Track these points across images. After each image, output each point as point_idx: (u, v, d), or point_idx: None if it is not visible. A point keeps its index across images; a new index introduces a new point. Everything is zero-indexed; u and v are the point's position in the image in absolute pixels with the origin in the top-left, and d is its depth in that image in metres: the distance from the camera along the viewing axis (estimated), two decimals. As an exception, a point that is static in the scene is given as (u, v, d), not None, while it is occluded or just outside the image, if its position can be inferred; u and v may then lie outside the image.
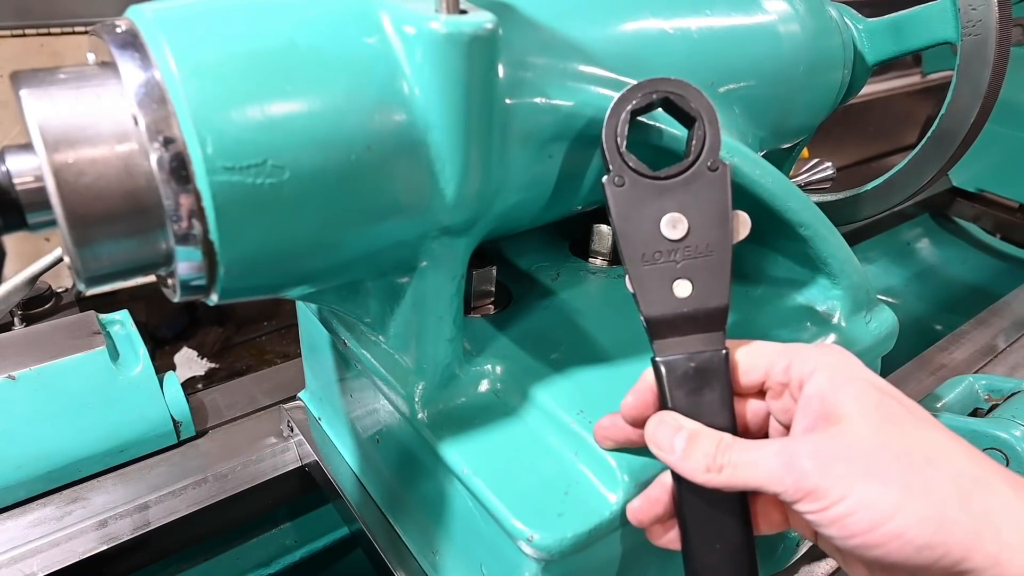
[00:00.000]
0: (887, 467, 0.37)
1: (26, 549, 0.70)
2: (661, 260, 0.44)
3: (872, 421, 0.39)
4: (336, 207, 0.40)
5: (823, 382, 0.41)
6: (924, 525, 0.35)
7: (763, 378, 0.45)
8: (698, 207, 0.45)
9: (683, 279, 0.44)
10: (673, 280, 0.44)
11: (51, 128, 0.34)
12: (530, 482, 0.49)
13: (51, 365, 0.73)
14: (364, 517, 0.70)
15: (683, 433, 0.43)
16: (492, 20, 0.40)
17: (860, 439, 0.38)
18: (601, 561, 0.52)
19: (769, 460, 0.40)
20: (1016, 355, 1.08)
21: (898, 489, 0.36)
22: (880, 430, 0.38)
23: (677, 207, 0.44)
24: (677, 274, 0.44)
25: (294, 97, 0.38)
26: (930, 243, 1.66)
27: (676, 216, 0.44)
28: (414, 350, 0.53)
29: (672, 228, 0.44)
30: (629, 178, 0.44)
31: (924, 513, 0.36)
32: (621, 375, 0.56)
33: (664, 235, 0.44)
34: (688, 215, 0.44)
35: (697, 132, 0.45)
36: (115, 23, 0.38)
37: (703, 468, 0.42)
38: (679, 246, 0.44)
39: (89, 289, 0.40)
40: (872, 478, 0.37)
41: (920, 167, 0.76)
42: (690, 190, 0.45)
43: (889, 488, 0.36)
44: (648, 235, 0.44)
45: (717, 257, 0.45)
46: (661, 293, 0.44)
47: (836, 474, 0.37)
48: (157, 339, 1.59)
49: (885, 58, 0.74)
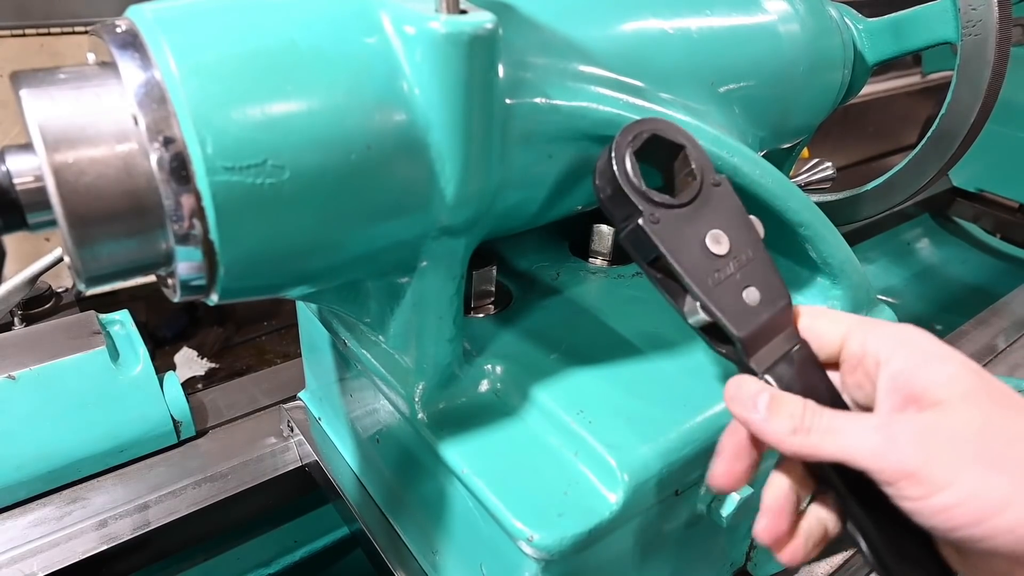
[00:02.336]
0: (999, 454, 0.34)
1: (26, 549, 0.70)
2: (724, 278, 0.45)
3: (979, 404, 0.36)
4: (336, 207, 0.40)
5: (910, 360, 0.39)
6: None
7: (838, 349, 0.43)
8: (724, 220, 0.45)
9: (748, 287, 0.45)
10: (741, 292, 0.45)
11: (51, 128, 0.34)
12: (530, 482, 0.49)
13: (51, 365, 0.73)
14: (364, 517, 0.70)
15: (766, 394, 0.41)
16: (492, 20, 0.40)
17: (968, 423, 0.35)
18: (601, 561, 0.52)
19: (867, 434, 0.37)
20: (1016, 355, 1.08)
21: (1010, 479, 0.33)
22: (989, 414, 0.35)
23: (710, 225, 0.45)
24: (741, 285, 0.45)
25: (294, 97, 0.38)
26: (930, 243, 1.66)
27: (715, 232, 0.45)
28: (414, 350, 0.53)
29: (717, 244, 0.45)
30: (662, 214, 0.45)
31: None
32: (621, 375, 0.56)
33: (714, 252, 0.45)
34: (723, 228, 0.45)
35: (691, 154, 0.46)
36: (115, 23, 0.38)
37: (789, 429, 0.39)
38: (729, 259, 0.45)
39: (89, 289, 0.40)
40: (982, 465, 0.34)
41: (920, 167, 0.76)
42: (710, 207, 0.45)
43: (1000, 477, 0.34)
44: (702, 259, 0.45)
45: (759, 259, 0.46)
46: (740, 308, 0.44)
47: (942, 459, 0.35)
48: (157, 339, 1.59)
49: (885, 58, 0.74)
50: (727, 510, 0.56)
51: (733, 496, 0.55)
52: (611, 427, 0.51)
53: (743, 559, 0.71)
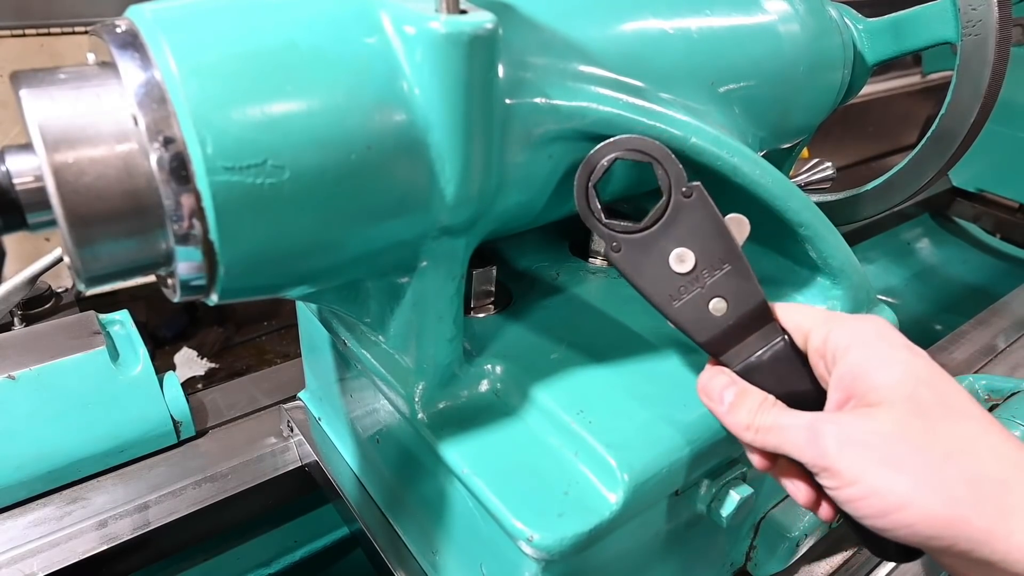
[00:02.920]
0: (903, 459, 0.38)
1: (26, 549, 0.70)
2: (686, 293, 0.47)
3: (898, 412, 0.39)
4: (336, 207, 0.40)
5: (858, 360, 0.42)
6: (931, 520, 0.37)
7: (803, 342, 0.46)
8: (694, 233, 0.47)
9: (715, 298, 0.47)
10: (707, 303, 0.47)
11: (51, 128, 0.34)
12: (530, 482, 0.49)
13: (51, 365, 0.73)
14: (364, 517, 0.70)
15: (733, 388, 0.46)
16: (492, 20, 0.40)
17: (883, 427, 0.39)
18: (601, 561, 0.52)
19: (798, 431, 0.42)
20: (1016, 355, 1.08)
21: (910, 482, 0.37)
22: (904, 422, 0.39)
23: (675, 243, 0.47)
24: (706, 297, 0.47)
25: (294, 97, 0.38)
26: (930, 243, 1.66)
27: (679, 251, 0.47)
28: (414, 350, 0.53)
29: (681, 263, 0.47)
30: (622, 241, 0.47)
31: (932, 508, 0.37)
32: (621, 375, 0.56)
33: (677, 271, 0.47)
34: (688, 245, 0.47)
35: (658, 172, 0.48)
36: (115, 23, 0.38)
37: (744, 425, 0.44)
38: (695, 274, 0.47)
39: (89, 289, 0.40)
40: (887, 468, 0.38)
41: (920, 167, 0.76)
42: (679, 223, 0.47)
43: (900, 480, 0.37)
44: (664, 278, 0.47)
45: (733, 266, 0.47)
46: (703, 319, 0.47)
47: (853, 457, 0.39)
48: (157, 339, 1.59)
49: (885, 58, 0.74)
50: (727, 510, 0.56)
51: (733, 496, 0.55)
52: (611, 427, 0.51)
53: (743, 559, 0.71)
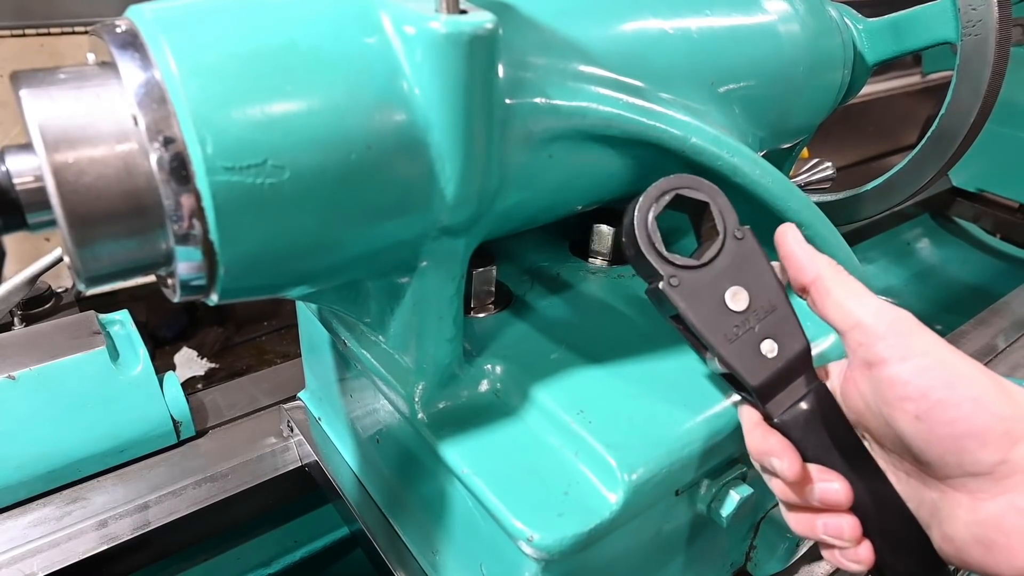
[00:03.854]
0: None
1: (26, 549, 0.70)
2: (742, 332, 0.47)
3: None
4: (336, 207, 0.40)
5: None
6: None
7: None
8: (746, 274, 0.48)
9: (766, 339, 0.47)
10: (759, 344, 0.47)
11: (51, 128, 0.34)
12: (530, 482, 0.49)
13: (51, 365, 0.73)
14: (364, 517, 0.70)
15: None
16: (492, 20, 0.40)
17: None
18: (601, 561, 0.52)
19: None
20: (1016, 355, 1.08)
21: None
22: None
23: (731, 281, 0.48)
24: (759, 338, 0.47)
25: (294, 97, 0.38)
26: (930, 243, 1.66)
27: (735, 289, 0.48)
28: (414, 350, 0.53)
29: (736, 301, 0.47)
30: (681, 276, 0.48)
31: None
32: (621, 375, 0.56)
33: (733, 309, 0.47)
34: (743, 284, 0.48)
35: (714, 211, 0.48)
36: (115, 23, 0.38)
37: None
38: (749, 314, 0.48)
39: (89, 289, 0.40)
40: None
41: (920, 167, 0.76)
42: (732, 263, 0.48)
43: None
44: (721, 316, 0.47)
45: (781, 310, 0.48)
46: (756, 360, 0.47)
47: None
48: (157, 339, 1.59)
49: (885, 58, 0.74)
50: (727, 510, 0.56)
51: (733, 496, 0.55)
52: (611, 427, 0.51)
53: (743, 559, 0.71)
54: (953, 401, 0.39)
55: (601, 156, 0.53)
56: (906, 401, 0.40)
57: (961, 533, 0.40)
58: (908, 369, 0.41)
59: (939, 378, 0.40)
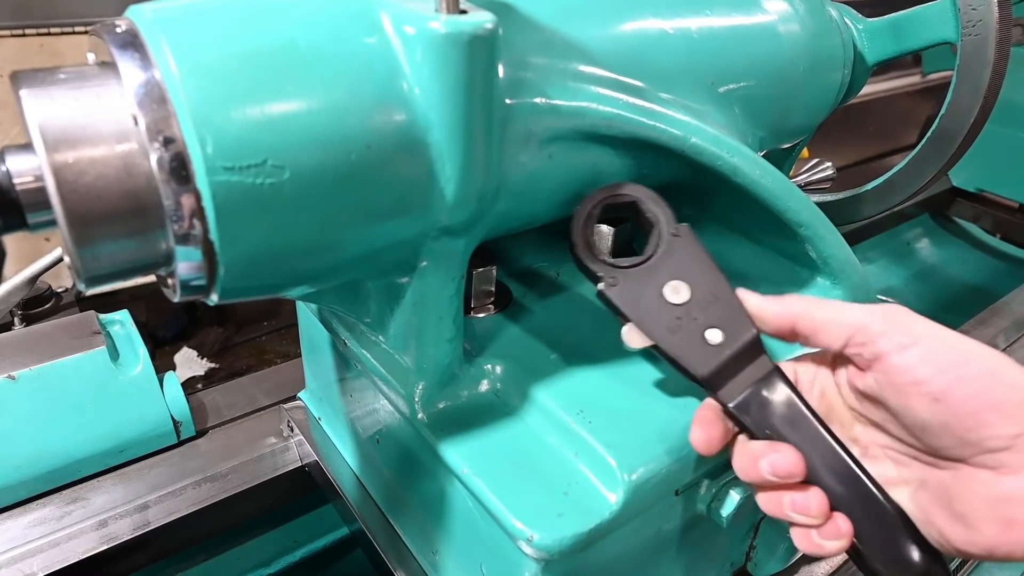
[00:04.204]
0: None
1: (26, 549, 0.70)
2: (684, 324, 0.48)
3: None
4: (336, 207, 0.40)
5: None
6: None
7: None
8: (686, 268, 0.49)
9: (711, 328, 0.48)
10: (702, 333, 0.48)
11: (51, 128, 0.34)
12: (530, 482, 0.49)
13: (51, 365, 0.73)
14: (364, 517, 0.70)
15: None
16: (492, 20, 0.40)
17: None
18: (601, 561, 0.52)
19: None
20: (1016, 355, 1.07)
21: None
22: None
23: (669, 276, 0.49)
24: (702, 327, 0.48)
25: (294, 97, 0.38)
26: (930, 243, 1.66)
27: (674, 284, 0.49)
28: (414, 350, 0.53)
29: (676, 294, 0.49)
30: (619, 275, 0.49)
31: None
32: (621, 375, 0.56)
33: (672, 303, 0.49)
34: (682, 278, 0.49)
35: (646, 212, 0.50)
36: (115, 23, 0.38)
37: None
38: (690, 306, 0.49)
39: (89, 289, 0.40)
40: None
41: (920, 167, 0.76)
42: (671, 257, 0.49)
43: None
44: (660, 310, 0.49)
45: (724, 299, 0.49)
46: (700, 350, 0.48)
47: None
48: (157, 339, 1.59)
49: (885, 58, 0.74)
50: (727, 510, 0.56)
51: (733, 496, 0.55)
52: (611, 427, 0.51)
53: (743, 559, 0.71)
54: (970, 376, 0.39)
55: (601, 156, 0.53)
56: (921, 385, 0.40)
57: (978, 511, 0.40)
58: (917, 355, 0.41)
59: (950, 358, 0.40)
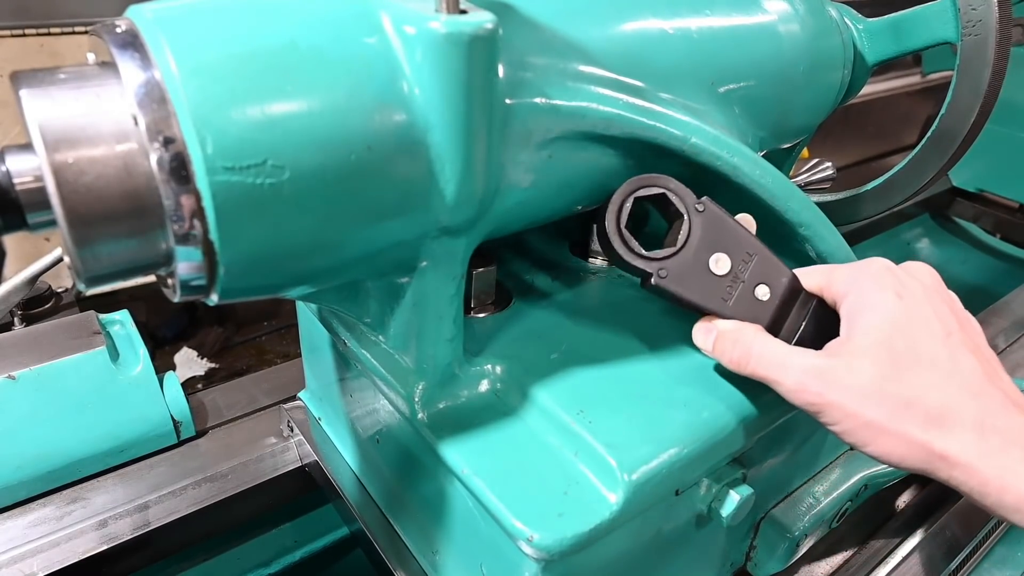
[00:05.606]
0: (880, 398, 0.46)
1: (26, 549, 0.70)
2: (736, 290, 0.52)
3: (873, 357, 0.46)
4: (336, 207, 0.40)
5: (851, 304, 0.50)
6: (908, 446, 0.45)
7: (825, 295, 0.53)
8: (719, 238, 0.52)
9: (758, 286, 0.52)
10: (753, 293, 0.52)
11: (51, 128, 0.34)
12: (530, 482, 0.49)
13: (51, 365, 0.73)
14: (364, 517, 0.70)
15: (713, 333, 0.53)
16: (492, 20, 0.40)
17: (861, 374, 0.46)
18: (601, 561, 0.52)
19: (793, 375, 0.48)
20: (1016, 355, 1.08)
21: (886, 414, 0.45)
22: (878, 368, 0.46)
23: (709, 251, 0.52)
24: (751, 287, 0.52)
25: (294, 97, 0.38)
26: (930, 243, 1.66)
27: (716, 256, 0.52)
28: (414, 350, 0.53)
29: (719, 266, 0.52)
30: (666, 266, 0.52)
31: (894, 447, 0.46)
32: (621, 375, 0.56)
33: (720, 274, 0.52)
34: (719, 249, 0.52)
35: (672, 198, 0.52)
36: (115, 23, 0.38)
37: (733, 361, 0.51)
38: (735, 271, 0.52)
39: (89, 289, 0.40)
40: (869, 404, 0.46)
41: (920, 167, 0.76)
42: (703, 235, 0.52)
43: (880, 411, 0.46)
44: (713, 284, 0.52)
45: (760, 255, 0.53)
46: (756, 308, 0.52)
47: (832, 399, 0.46)
48: (157, 339, 1.59)
49: (885, 58, 0.74)
50: (727, 510, 0.56)
51: (733, 496, 0.55)
52: (611, 427, 0.51)
53: (743, 559, 0.71)
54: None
55: (601, 156, 0.53)
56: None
57: None
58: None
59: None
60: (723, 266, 0.52)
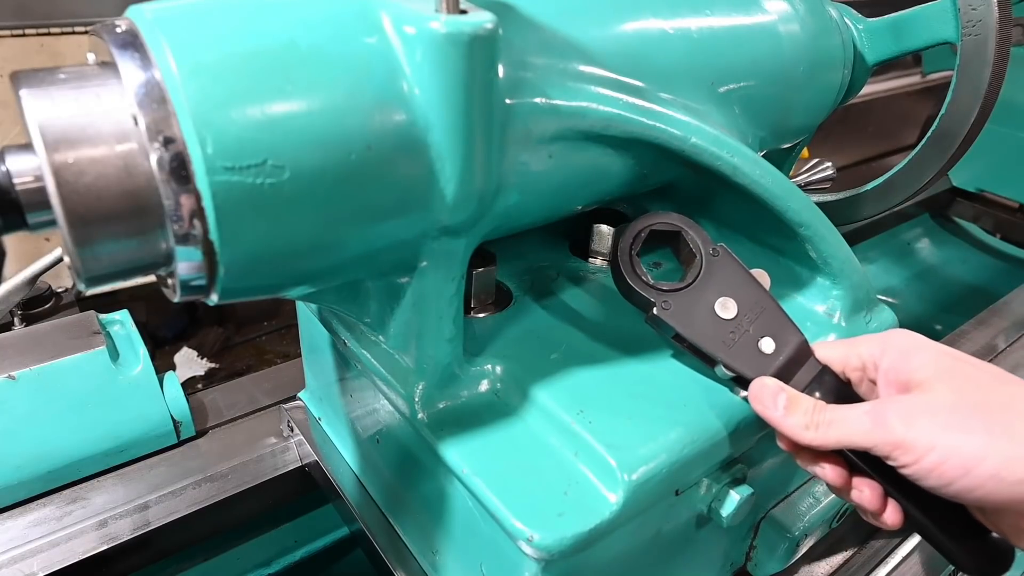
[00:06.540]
0: (968, 418, 0.42)
1: (26, 549, 0.70)
2: (739, 336, 0.51)
3: (948, 381, 0.44)
4: (336, 207, 0.40)
5: (895, 357, 0.48)
6: (1014, 463, 0.40)
7: (842, 370, 0.51)
8: (728, 285, 0.52)
9: (763, 338, 0.51)
10: (757, 344, 0.51)
11: (51, 128, 0.34)
12: (530, 482, 0.49)
13: (51, 365, 0.73)
14: (364, 517, 0.70)
15: (783, 395, 0.49)
16: (492, 20, 0.40)
17: (939, 396, 0.43)
18: (601, 561, 0.52)
19: (860, 418, 0.45)
20: (1016, 355, 1.08)
21: (982, 435, 0.41)
22: (957, 387, 0.44)
23: (717, 294, 0.52)
24: (755, 338, 0.51)
25: (294, 97, 0.38)
26: (930, 243, 1.66)
27: (722, 300, 0.52)
28: (414, 350, 0.53)
29: (726, 310, 0.52)
30: (671, 300, 0.52)
31: (1011, 452, 0.40)
32: (621, 375, 0.56)
33: (724, 318, 0.51)
34: (728, 294, 0.52)
35: (687, 237, 0.53)
36: (115, 23, 0.38)
37: (803, 425, 0.47)
38: (740, 319, 0.52)
39: (89, 289, 0.40)
40: (955, 428, 0.42)
41: (920, 167, 0.76)
42: (714, 277, 0.52)
43: (973, 435, 0.41)
44: (715, 327, 0.51)
45: (770, 310, 0.52)
46: (757, 360, 0.51)
47: (921, 427, 0.42)
48: (157, 339, 1.59)
49: (885, 58, 0.74)
50: (727, 510, 0.56)
51: (733, 496, 0.55)
52: (611, 427, 0.51)
53: (743, 559, 0.71)
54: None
55: (601, 156, 0.53)
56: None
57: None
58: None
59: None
60: (729, 311, 0.51)
